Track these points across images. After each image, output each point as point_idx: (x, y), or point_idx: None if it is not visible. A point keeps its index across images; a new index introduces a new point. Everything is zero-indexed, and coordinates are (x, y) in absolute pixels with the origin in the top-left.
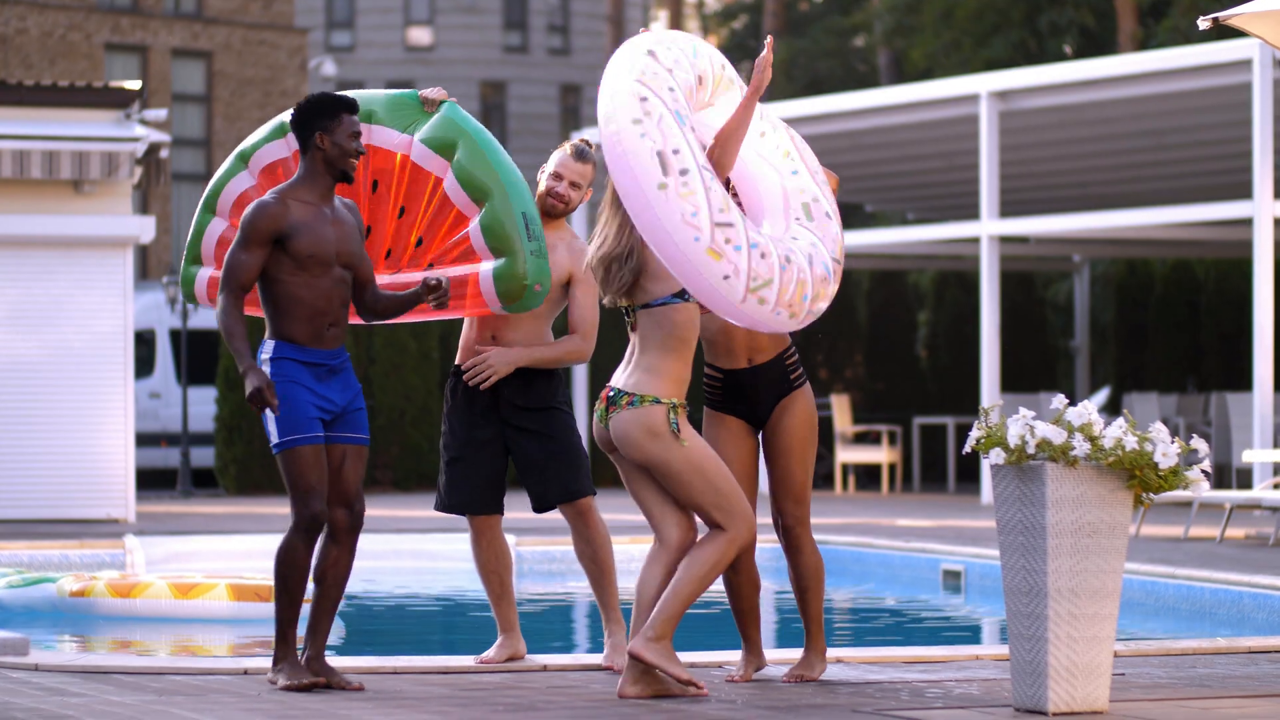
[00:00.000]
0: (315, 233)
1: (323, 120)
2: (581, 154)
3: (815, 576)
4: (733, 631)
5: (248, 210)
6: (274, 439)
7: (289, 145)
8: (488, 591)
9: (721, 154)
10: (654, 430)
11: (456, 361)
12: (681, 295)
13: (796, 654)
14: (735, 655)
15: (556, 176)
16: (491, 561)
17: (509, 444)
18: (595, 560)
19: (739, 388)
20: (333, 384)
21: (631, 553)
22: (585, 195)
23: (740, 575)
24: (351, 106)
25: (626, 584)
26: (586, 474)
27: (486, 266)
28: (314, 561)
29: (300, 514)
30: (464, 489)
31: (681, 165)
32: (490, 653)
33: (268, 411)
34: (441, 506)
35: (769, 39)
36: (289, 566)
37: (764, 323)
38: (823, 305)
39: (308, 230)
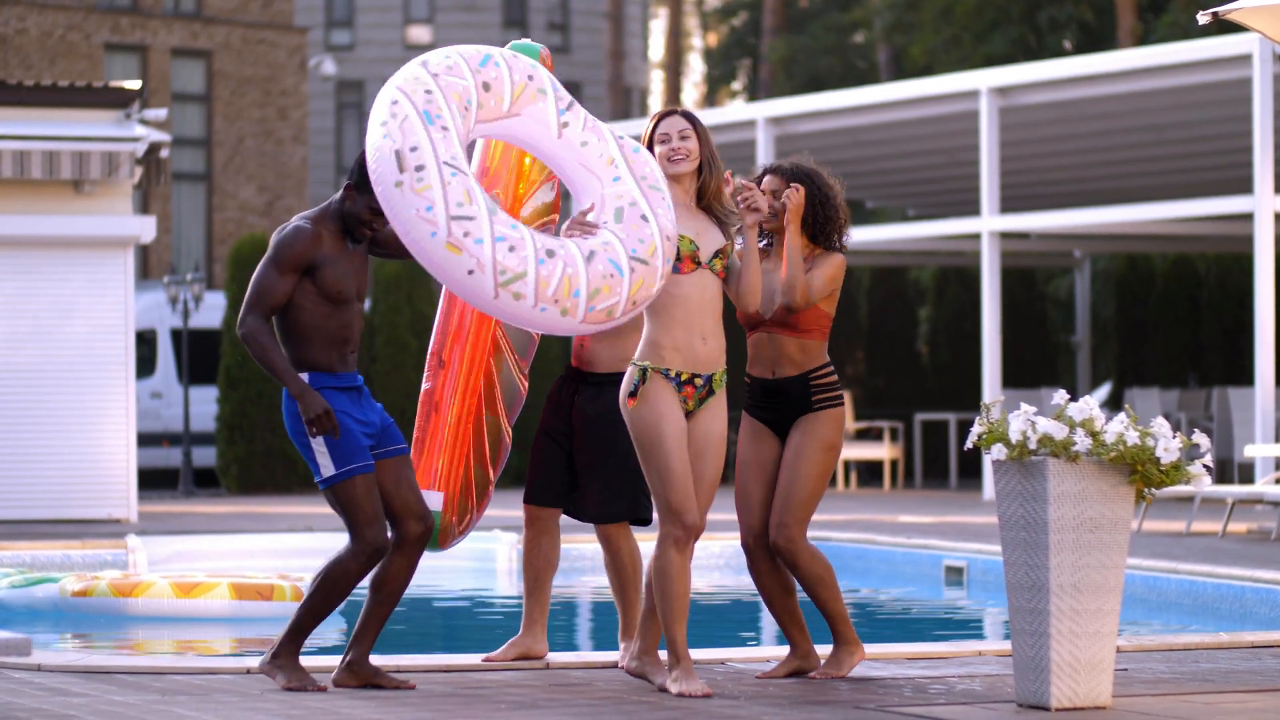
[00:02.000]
0: (341, 268)
1: (363, 179)
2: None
3: (817, 581)
4: (732, 629)
5: (285, 233)
6: (327, 470)
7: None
8: (524, 581)
9: (739, 293)
10: (623, 391)
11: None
12: None
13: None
14: (734, 652)
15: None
16: (533, 555)
17: (572, 447)
18: (618, 580)
19: (766, 396)
20: (365, 404)
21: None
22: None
23: (764, 579)
24: None
25: None
26: (625, 500)
27: None
28: (376, 569)
29: (365, 543)
30: (533, 477)
31: (418, 161)
32: (500, 650)
33: (314, 443)
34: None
35: (793, 190)
36: (336, 588)
37: (528, 319)
38: (614, 302)
39: (335, 265)
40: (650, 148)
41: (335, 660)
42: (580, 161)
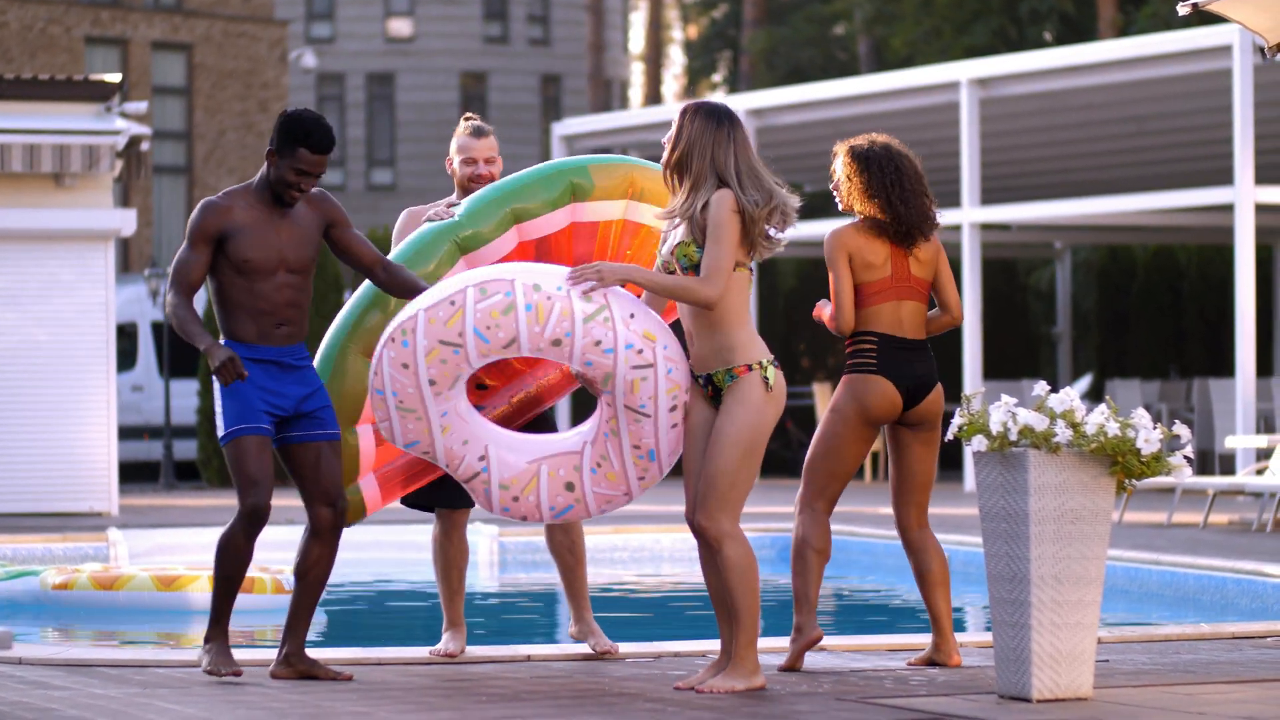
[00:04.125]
0: (255, 238)
1: (283, 142)
2: (480, 131)
3: (796, 559)
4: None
5: (195, 210)
6: (220, 430)
7: (568, 216)
8: (445, 586)
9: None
10: None
11: None
12: None
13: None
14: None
15: (470, 161)
16: (458, 556)
17: None
18: (573, 551)
19: None
20: (287, 380)
21: (615, 543)
22: (499, 166)
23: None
24: (314, 145)
25: (601, 570)
26: None
27: None
28: (297, 559)
29: (242, 504)
30: (445, 485)
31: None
32: (449, 646)
33: (218, 406)
34: (416, 503)
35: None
36: (229, 557)
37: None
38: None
39: (247, 235)
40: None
41: (325, 652)
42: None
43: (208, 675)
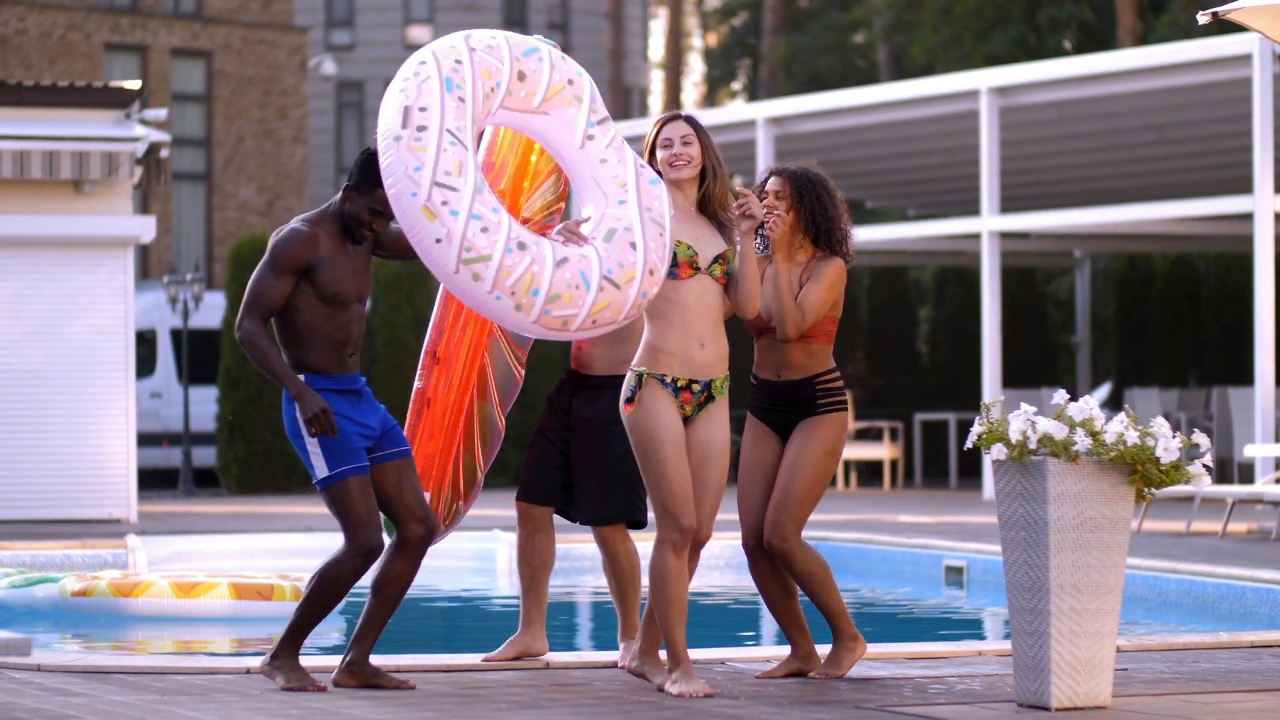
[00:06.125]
0: (339, 268)
1: (362, 180)
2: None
3: (812, 579)
4: (732, 629)
5: (281, 235)
6: (321, 472)
7: None
8: (520, 580)
9: (737, 300)
10: (622, 396)
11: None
12: None
13: (780, 652)
14: (734, 651)
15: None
16: (528, 553)
17: (569, 448)
18: (616, 582)
19: (772, 399)
20: (364, 407)
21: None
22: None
23: (765, 580)
24: None
25: None
26: (621, 502)
27: None
28: (377, 571)
29: (359, 545)
30: (526, 476)
31: (421, 122)
32: (499, 650)
33: (309, 444)
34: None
35: (777, 218)
36: (331, 589)
37: (482, 304)
38: (572, 314)
39: (332, 266)
40: (653, 151)
41: (336, 660)
42: (593, 175)
43: (286, 692)
